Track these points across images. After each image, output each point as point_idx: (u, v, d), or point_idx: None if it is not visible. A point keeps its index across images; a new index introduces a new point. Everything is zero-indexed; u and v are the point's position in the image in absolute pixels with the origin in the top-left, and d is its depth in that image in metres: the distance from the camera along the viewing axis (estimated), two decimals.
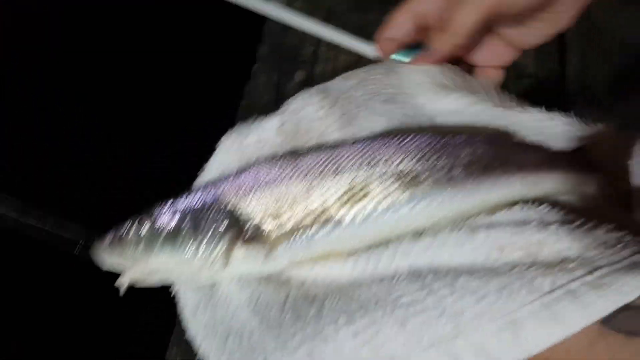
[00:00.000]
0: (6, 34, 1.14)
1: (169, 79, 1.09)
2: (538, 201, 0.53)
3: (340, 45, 0.86)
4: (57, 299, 1.06)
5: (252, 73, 0.97)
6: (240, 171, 0.56)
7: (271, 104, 0.92)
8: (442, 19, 0.56)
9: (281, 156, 0.56)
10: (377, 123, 0.58)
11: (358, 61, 0.96)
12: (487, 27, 0.59)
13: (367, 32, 0.97)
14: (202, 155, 0.61)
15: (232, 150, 0.58)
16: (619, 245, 0.47)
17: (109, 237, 0.53)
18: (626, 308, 0.44)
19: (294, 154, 0.56)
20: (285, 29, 0.99)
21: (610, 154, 0.56)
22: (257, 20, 1.00)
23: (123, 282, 0.52)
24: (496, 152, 0.55)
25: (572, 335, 0.43)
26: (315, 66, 0.98)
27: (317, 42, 0.99)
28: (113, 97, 1.13)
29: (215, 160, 0.58)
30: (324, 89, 0.59)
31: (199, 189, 0.56)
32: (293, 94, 0.92)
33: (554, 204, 0.53)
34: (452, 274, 0.47)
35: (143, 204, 0.56)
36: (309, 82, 0.96)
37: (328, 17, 1.00)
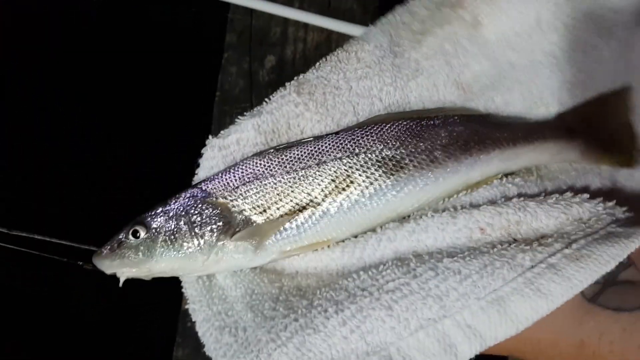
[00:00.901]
0: (6, 34, 1.13)
1: (146, 81, 1.08)
2: (515, 175, 0.56)
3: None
4: (62, 297, 1.05)
5: (223, 63, 0.94)
6: (227, 169, 0.57)
7: (245, 93, 0.90)
8: None
9: (265, 152, 0.58)
10: (357, 105, 0.60)
11: (328, 38, 0.95)
12: None
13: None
14: (191, 152, 0.62)
15: (215, 151, 0.59)
16: (593, 219, 0.49)
17: (106, 247, 0.54)
18: (612, 283, 0.46)
19: (278, 150, 0.57)
20: (250, 12, 0.97)
21: (597, 117, 0.57)
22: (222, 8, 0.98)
23: (121, 276, 0.54)
24: (472, 131, 0.56)
25: (561, 314, 0.44)
26: (286, 48, 0.95)
27: (284, 22, 0.96)
28: (105, 97, 1.12)
29: (203, 164, 0.60)
30: (298, 84, 0.60)
31: (187, 190, 0.57)
32: (266, 81, 0.91)
33: (531, 176, 0.56)
34: (435, 257, 0.48)
35: (142, 204, 0.57)
36: (281, 66, 0.94)
37: None
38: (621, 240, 0.46)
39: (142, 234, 0.54)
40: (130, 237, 0.54)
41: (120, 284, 0.54)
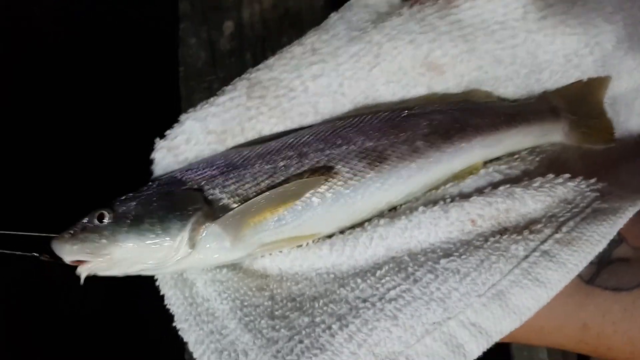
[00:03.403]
0: None
1: (103, 66, 1.01)
2: (500, 161, 0.54)
3: None
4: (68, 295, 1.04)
5: (180, 35, 0.89)
6: (203, 160, 0.54)
7: (209, 66, 0.86)
8: None
9: (242, 146, 0.54)
10: (317, 104, 0.55)
11: None
12: None
13: None
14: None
15: (165, 152, 0.54)
16: (578, 198, 0.49)
17: (68, 232, 0.49)
18: (607, 263, 0.46)
19: (257, 143, 0.54)
20: None
21: (578, 99, 0.57)
22: None
23: (82, 272, 0.49)
24: (452, 119, 0.53)
25: (561, 300, 0.44)
26: (242, 11, 0.90)
27: None
28: (65, 90, 1.05)
29: (157, 167, 0.55)
30: (250, 84, 0.54)
31: (158, 179, 0.53)
32: (228, 50, 0.87)
33: (514, 161, 0.54)
34: (432, 258, 0.47)
35: (112, 194, 0.52)
36: (240, 31, 0.89)
37: None
38: (609, 218, 0.45)
39: (108, 217, 0.49)
40: (95, 221, 0.49)
41: (82, 281, 0.49)
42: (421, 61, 0.54)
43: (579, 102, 0.57)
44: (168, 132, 0.55)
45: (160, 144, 0.54)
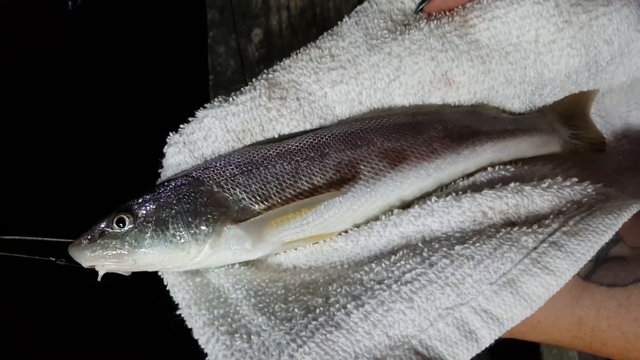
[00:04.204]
0: None
1: (134, 74, 1.03)
2: (508, 164, 0.57)
3: None
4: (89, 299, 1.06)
5: (210, 43, 0.90)
6: (220, 157, 0.54)
7: (238, 74, 0.87)
8: None
9: (259, 144, 0.55)
10: (335, 109, 0.57)
11: (311, 2, 0.90)
12: None
13: None
14: None
15: (180, 146, 0.55)
16: (584, 200, 0.51)
17: (85, 237, 0.50)
18: (604, 260, 0.48)
19: (274, 141, 0.55)
20: None
21: (569, 113, 0.62)
22: None
23: (100, 271, 0.49)
24: (465, 125, 0.57)
25: (559, 294, 0.45)
26: (270, 18, 0.91)
27: None
28: (96, 96, 1.07)
29: (169, 162, 0.55)
30: (269, 85, 0.55)
31: (177, 177, 0.53)
32: (257, 57, 0.87)
33: (524, 164, 0.57)
34: (446, 245, 0.48)
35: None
36: (269, 38, 0.90)
37: None
38: (614, 211, 0.47)
39: (128, 222, 0.49)
40: (115, 226, 0.49)
41: (99, 278, 0.49)
42: (439, 77, 0.57)
43: (570, 116, 0.62)
44: (183, 126, 0.55)
45: (174, 138, 0.55)
